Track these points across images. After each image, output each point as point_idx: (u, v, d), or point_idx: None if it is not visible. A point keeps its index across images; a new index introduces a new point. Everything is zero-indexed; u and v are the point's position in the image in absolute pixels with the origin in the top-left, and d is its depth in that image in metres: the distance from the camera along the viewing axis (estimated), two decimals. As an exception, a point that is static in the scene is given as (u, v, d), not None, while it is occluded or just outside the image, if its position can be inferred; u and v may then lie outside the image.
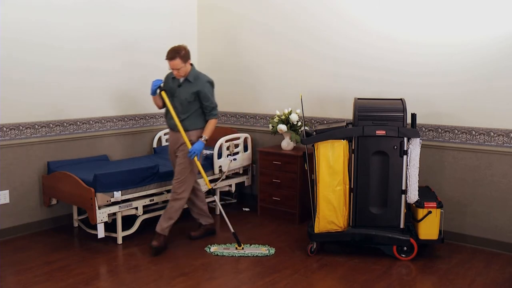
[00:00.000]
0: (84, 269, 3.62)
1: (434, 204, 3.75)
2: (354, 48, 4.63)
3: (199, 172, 4.12)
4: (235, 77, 5.53)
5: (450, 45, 4.11)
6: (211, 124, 4.05)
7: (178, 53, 3.81)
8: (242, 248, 3.98)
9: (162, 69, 4.12)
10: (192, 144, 3.96)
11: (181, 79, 3.97)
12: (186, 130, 3.97)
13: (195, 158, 3.97)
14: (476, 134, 4.08)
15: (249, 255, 3.89)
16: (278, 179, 4.79)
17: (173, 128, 4.07)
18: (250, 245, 4.08)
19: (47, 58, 4.38)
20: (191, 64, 3.98)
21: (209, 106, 4.00)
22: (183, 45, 3.92)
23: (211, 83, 4.05)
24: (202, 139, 3.98)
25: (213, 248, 3.98)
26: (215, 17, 5.62)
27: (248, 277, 3.53)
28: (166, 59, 3.85)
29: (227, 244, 4.09)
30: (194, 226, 4.38)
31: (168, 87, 4.03)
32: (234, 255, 3.88)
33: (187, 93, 3.94)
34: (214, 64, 5.68)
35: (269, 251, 3.96)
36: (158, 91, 3.98)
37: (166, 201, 4.60)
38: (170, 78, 4.06)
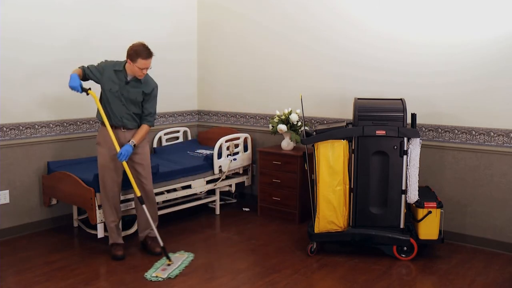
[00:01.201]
0: (84, 269, 3.62)
1: (434, 204, 3.75)
2: (354, 48, 4.63)
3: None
4: (235, 77, 5.52)
5: (450, 45, 4.11)
6: (144, 130, 3.81)
7: (151, 52, 3.65)
8: (172, 262, 3.67)
9: (162, 69, 4.12)
10: (121, 145, 3.72)
11: (129, 77, 3.72)
12: (127, 129, 3.77)
13: (124, 162, 3.69)
14: (476, 134, 4.08)
15: (180, 269, 3.59)
16: (278, 179, 4.79)
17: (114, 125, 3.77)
18: (172, 254, 3.83)
19: (47, 58, 4.38)
20: None
21: (149, 110, 3.82)
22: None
23: (157, 88, 3.87)
24: (131, 143, 3.71)
25: (155, 273, 3.52)
26: (215, 17, 5.62)
27: (248, 277, 3.53)
28: (142, 57, 3.59)
29: (156, 264, 3.69)
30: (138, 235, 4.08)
31: (107, 82, 3.70)
32: (171, 276, 3.47)
33: (138, 92, 3.74)
34: (214, 64, 5.69)
35: (187, 256, 3.81)
36: (81, 89, 3.64)
37: (166, 201, 4.62)
38: (110, 71, 3.71)
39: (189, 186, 4.65)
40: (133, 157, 3.80)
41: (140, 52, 3.60)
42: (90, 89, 3.72)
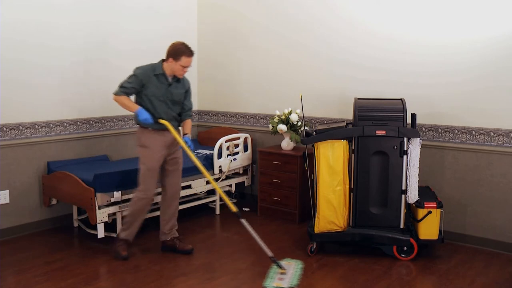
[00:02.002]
0: (84, 269, 3.62)
1: (434, 204, 3.75)
2: (354, 48, 4.63)
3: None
4: (235, 77, 5.53)
5: (450, 45, 4.12)
6: (190, 123, 3.96)
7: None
8: (286, 271, 3.55)
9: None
10: (169, 147, 3.82)
11: (170, 78, 3.74)
12: (176, 129, 3.84)
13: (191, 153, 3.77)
14: (476, 134, 4.08)
15: (297, 277, 3.47)
16: (278, 179, 4.79)
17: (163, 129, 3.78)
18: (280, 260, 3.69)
19: (47, 58, 4.37)
20: None
21: (189, 105, 3.92)
22: None
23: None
24: (187, 135, 3.85)
25: (275, 283, 3.37)
26: (215, 17, 5.62)
27: (248, 277, 3.53)
28: (186, 55, 3.63)
29: (271, 270, 3.56)
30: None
31: (150, 88, 3.68)
32: (292, 286, 3.36)
33: (180, 93, 3.81)
34: (214, 64, 5.68)
35: (296, 263, 3.69)
36: (155, 120, 3.67)
37: (166, 201, 4.61)
38: (149, 76, 3.68)
39: (189, 186, 4.65)
40: (169, 154, 3.86)
41: (183, 50, 3.64)
42: (158, 120, 3.70)
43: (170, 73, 3.73)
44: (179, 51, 3.63)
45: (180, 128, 3.99)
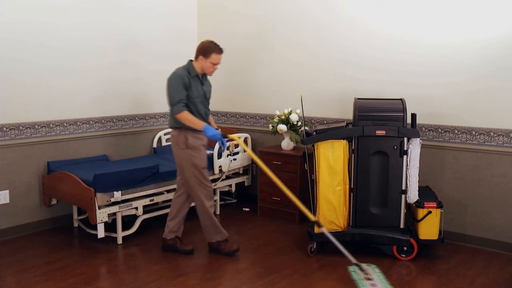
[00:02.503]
0: (84, 269, 3.62)
1: (434, 204, 3.75)
2: (354, 48, 4.63)
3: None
4: (235, 77, 5.52)
5: (450, 45, 4.12)
6: (212, 119, 4.06)
7: None
8: (371, 276, 3.35)
9: (162, 69, 4.12)
10: (206, 146, 3.94)
11: (201, 76, 3.80)
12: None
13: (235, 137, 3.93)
14: (476, 134, 4.08)
15: (385, 282, 3.30)
16: (278, 179, 4.77)
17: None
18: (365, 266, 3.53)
19: (47, 58, 4.38)
20: None
21: (209, 101, 3.98)
22: None
23: None
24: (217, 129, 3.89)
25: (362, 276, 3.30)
26: (215, 17, 5.62)
27: (248, 277, 3.53)
28: (216, 52, 3.69)
29: (355, 275, 3.40)
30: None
31: (193, 91, 3.72)
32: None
33: (210, 90, 3.94)
34: (214, 64, 5.68)
35: (372, 267, 3.47)
36: (223, 135, 3.76)
37: (166, 201, 4.61)
38: (187, 78, 3.69)
39: (189, 186, 4.65)
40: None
41: (213, 47, 3.71)
42: (226, 135, 3.83)
43: (201, 71, 3.79)
44: (209, 48, 3.70)
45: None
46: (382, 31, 4.44)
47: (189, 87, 3.69)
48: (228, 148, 4.94)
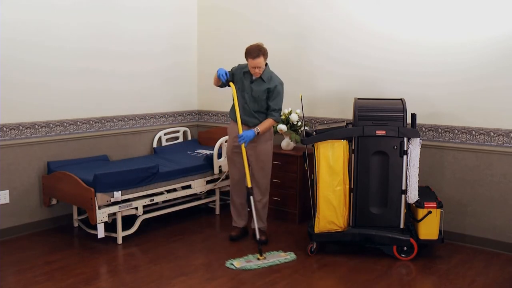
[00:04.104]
0: (84, 269, 3.62)
1: (434, 204, 3.75)
2: (354, 48, 4.63)
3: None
4: (235, 77, 5.52)
5: (450, 45, 4.12)
6: (269, 122, 4.04)
7: (261, 52, 3.86)
8: (264, 258, 3.78)
9: (162, 69, 4.12)
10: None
11: (254, 77, 3.98)
12: (247, 126, 4.03)
13: (242, 145, 3.96)
14: (476, 134, 4.08)
15: (272, 264, 3.71)
16: (278, 179, 4.78)
17: (235, 120, 4.08)
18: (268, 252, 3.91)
19: (47, 58, 4.37)
20: (266, 64, 4.02)
21: (273, 106, 4.01)
22: (262, 44, 3.94)
23: (282, 85, 4.07)
24: (255, 130, 3.97)
25: (236, 263, 3.68)
26: (215, 17, 5.61)
27: (248, 277, 3.53)
28: (250, 57, 3.85)
29: (248, 256, 3.84)
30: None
31: (237, 83, 4.07)
32: (259, 267, 3.65)
33: (261, 90, 3.98)
34: (214, 64, 5.67)
35: (290, 256, 3.83)
36: (226, 79, 4.00)
37: (166, 201, 4.62)
38: (240, 72, 4.06)
39: (189, 186, 4.65)
40: (251, 149, 4.06)
41: (248, 52, 3.89)
42: (232, 81, 4.09)
43: (252, 72, 3.97)
44: (246, 53, 3.91)
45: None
46: (382, 31, 4.44)
47: (234, 78, 4.09)
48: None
